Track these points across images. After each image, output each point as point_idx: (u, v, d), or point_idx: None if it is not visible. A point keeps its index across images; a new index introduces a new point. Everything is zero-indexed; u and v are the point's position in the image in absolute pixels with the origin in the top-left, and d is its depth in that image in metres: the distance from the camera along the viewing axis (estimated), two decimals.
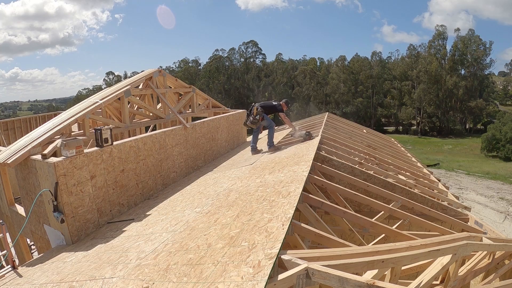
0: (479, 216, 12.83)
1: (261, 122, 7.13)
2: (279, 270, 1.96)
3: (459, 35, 58.80)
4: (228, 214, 3.25)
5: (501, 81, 79.24)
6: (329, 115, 13.05)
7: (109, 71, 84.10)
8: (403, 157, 8.98)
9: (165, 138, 6.64)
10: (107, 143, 5.02)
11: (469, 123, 60.38)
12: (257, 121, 7.12)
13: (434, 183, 6.83)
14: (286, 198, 3.11)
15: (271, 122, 7.07)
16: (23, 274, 3.77)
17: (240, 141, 10.86)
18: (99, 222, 4.86)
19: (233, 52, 70.08)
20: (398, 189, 5.07)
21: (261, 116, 7.02)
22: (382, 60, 68.35)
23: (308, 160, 4.68)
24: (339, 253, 2.18)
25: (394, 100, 62.68)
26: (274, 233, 2.35)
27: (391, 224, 4.34)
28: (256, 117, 7.07)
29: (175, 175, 6.98)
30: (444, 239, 2.74)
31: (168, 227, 3.63)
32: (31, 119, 13.23)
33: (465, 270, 3.01)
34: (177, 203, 4.84)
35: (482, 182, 24.80)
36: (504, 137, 40.12)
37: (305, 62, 74.40)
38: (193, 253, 2.58)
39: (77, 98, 67.47)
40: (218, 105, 11.58)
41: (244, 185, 4.39)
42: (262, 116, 7.03)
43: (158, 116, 8.61)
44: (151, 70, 8.71)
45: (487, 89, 61.89)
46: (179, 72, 67.74)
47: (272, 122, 7.09)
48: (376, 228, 3.48)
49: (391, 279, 2.52)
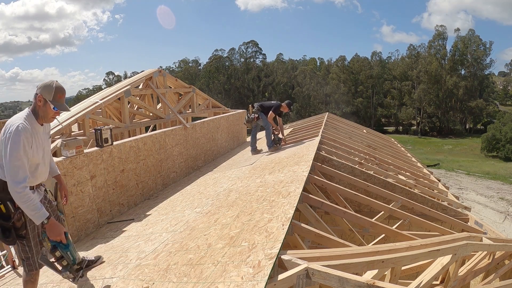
0: (479, 216, 12.83)
1: (257, 121, 7.04)
2: (279, 270, 1.96)
3: (459, 35, 58.87)
4: (228, 214, 3.25)
5: (501, 81, 79.23)
6: (329, 115, 13.05)
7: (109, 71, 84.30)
8: (403, 157, 8.98)
9: (165, 138, 6.64)
10: (107, 143, 5.02)
11: (469, 123, 60.38)
12: (252, 120, 7.04)
13: (434, 183, 6.83)
14: (286, 198, 3.11)
15: (268, 122, 6.90)
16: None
17: (240, 141, 10.86)
18: (99, 222, 4.87)
19: (233, 52, 70.15)
20: (398, 189, 5.07)
21: (256, 115, 6.93)
22: (382, 60, 68.39)
23: (308, 160, 4.68)
24: (339, 253, 2.18)
25: (394, 100, 62.67)
26: (274, 233, 2.35)
27: (391, 224, 4.34)
28: (251, 116, 7.00)
29: (175, 175, 6.98)
30: (444, 239, 2.74)
31: (168, 227, 3.63)
32: None
33: (465, 270, 3.02)
34: (177, 203, 4.84)
35: (482, 182, 24.79)
36: (504, 137, 40.11)
37: (305, 62, 74.52)
38: (193, 253, 2.58)
39: (77, 98, 67.46)
40: (218, 105, 11.59)
41: (244, 185, 4.40)
42: (258, 115, 6.93)
43: (158, 116, 8.61)
44: (151, 70, 8.72)
45: (487, 89, 61.89)
46: (179, 72, 67.82)
47: (269, 123, 6.89)
48: (376, 228, 3.48)
49: (391, 279, 2.52)
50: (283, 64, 72.36)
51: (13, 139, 2.10)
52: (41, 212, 2.16)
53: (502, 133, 40.61)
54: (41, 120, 2.33)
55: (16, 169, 2.08)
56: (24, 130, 2.15)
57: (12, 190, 2.09)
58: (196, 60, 74.19)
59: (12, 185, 2.08)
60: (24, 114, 2.28)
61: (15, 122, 2.16)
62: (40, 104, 2.28)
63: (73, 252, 2.38)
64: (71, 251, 2.37)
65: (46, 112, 2.30)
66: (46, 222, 2.18)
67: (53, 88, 2.28)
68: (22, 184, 2.09)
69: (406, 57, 64.90)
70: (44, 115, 2.31)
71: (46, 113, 2.31)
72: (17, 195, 2.09)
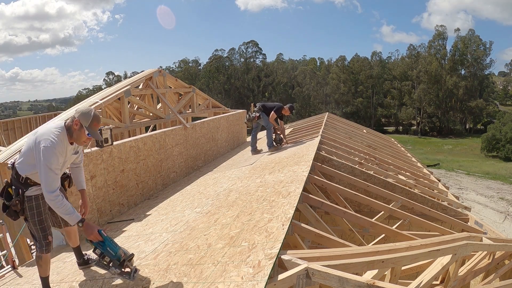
0: (479, 216, 12.83)
1: (258, 120, 7.05)
2: (279, 270, 1.96)
3: (459, 35, 58.82)
4: (228, 214, 3.26)
5: (501, 81, 79.24)
6: (329, 115, 13.05)
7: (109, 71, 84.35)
8: (403, 157, 8.98)
9: (165, 138, 6.64)
10: (107, 143, 5.02)
11: (469, 123, 60.36)
12: (252, 119, 7.05)
13: (434, 183, 6.82)
14: (286, 198, 3.11)
15: (269, 122, 6.90)
16: (23, 274, 3.77)
17: (240, 141, 10.86)
18: (99, 222, 4.87)
19: (233, 52, 70.10)
20: (398, 189, 5.07)
21: (257, 114, 6.94)
22: (382, 60, 68.36)
23: (308, 160, 4.68)
24: (339, 253, 2.18)
25: (394, 100, 62.65)
26: (274, 233, 2.35)
27: (391, 224, 4.34)
28: (252, 115, 7.02)
29: (175, 175, 6.98)
30: (444, 239, 2.74)
31: (168, 227, 3.63)
32: (31, 119, 13.21)
33: (465, 270, 3.02)
34: (177, 203, 4.84)
35: (482, 182, 24.79)
36: (504, 137, 40.09)
37: (305, 62, 74.54)
38: (193, 253, 2.58)
39: (77, 98, 67.50)
40: (218, 105, 11.59)
41: (244, 185, 4.40)
42: (259, 115, 6.94)
43: (158, 116, 8.61)
44: (151, 70, 8.71)
45: (487, 89, 61.87)
46: (179, 72, 67.78)
47: (270, 123, 6.90)
48: (376, 228, 3.48)
49: (391, 279, 2.52)
50: (283, 64, 72.36)
51: (50, 152, 2.35)
52: (74, 215, 2.40)
53: (502, 133, 40.60)
54: (72, 140, 2.56)
55: (51, 181, 2.35)
56: (59, 143, 2.42)
57: (46, 197, 2.37)
58: (196, 60, 74.21)
59: (47, 194, 2.35)
60: (58, 128, 2.48)
61: (50, 136, 2.40)
62: (76, 128, 2.50)
63: (113, 247, 2.44)
64: (111, 246, 2.43)
65: (79, 136, 2.53)
66: (81, 225, 2.41)
67: (91, 116, 2.50)
68: (55, 193, 2.35)
69: (406, 57, 64.87)
70: (77, 138, 2.55)
71: (80, 136, 2.53)
72: (51, 202, 2.36)
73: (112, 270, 2.45)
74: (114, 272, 2.45)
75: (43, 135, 2.41)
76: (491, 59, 58.30)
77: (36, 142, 2.39)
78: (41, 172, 2.35)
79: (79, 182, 2.92)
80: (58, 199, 2.36)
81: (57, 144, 2.39)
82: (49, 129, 2.47)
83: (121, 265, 2.42)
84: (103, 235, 2.45)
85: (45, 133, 2.42)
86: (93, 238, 2.42)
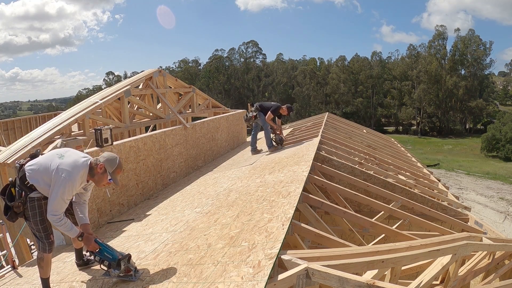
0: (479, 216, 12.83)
1: (255, 120, 7.03)
2: (279, 270, 1.96)
3: (459, 35, 58.79)
4: (228, 214, 3.26)
5: (501, 81, 79.25)
6: (329, 115, 13.05)
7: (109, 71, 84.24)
8: (403, 157, 8.98)
9: (165, 138, 6.64)
10: (107, 143, 5.02)
11: (469, 123, 60.34)
12: (249, 119, 7.03)
13: (434, 183, 6.82)
14: (286, 198, 3.11)
15: (266, 122, 6.84)
16: (23, 274, 3.77)
17: (240, 141, 10.86)
18: (99, 222, 4.86)
19: (233, 52, 70.09)
20: (398, 189, 5.07)
21: (254, 114, 6.92)
22: (382, 60, 68.34)
23: (308, 160, 4.68)
24: (339, 253, 2.18)
25: (394, 100, 62.64)
26: (274, 233, 2.35)
27: (391, 224, 4.34)
28: (249, 114, 7.00)
29: (175, 175, 6.98)
30: (444, 239, 2.74)
31: (168, 227, 3.63)
32: (31, 119, 13.21)
33: (465, 270, 3.02)
34: (177, 203, 4.84)
35: (482, 182, 24.79)
36: (504, 137, 40.08)
37: (305, 62, 74.39)
38: (193, 253, 2.58)
39: (77, 98, 67.44)
40: (218, 105, 11.59)
41: (244, 185, 4.40)
42: (255, 114, 6.91)
43: (158, 116, 8.61)
44: (151, 70, 8.71)
45: (487, 89, 61.87)
46: (179, 72, 67.72)
47: (267, 123, 6.85)
48: (376, 228, 3.48)
49: (391, 279, 2.52)
50: (283, 64, 72.28)
51: (68, 186, 2.53)
52: (72, 231, 2.61)
53: (502, 133, 40.59)
54: (92, 180, 2.71)
55: (59, 207, 2.54)
56: (78, 180, 2.60)
57: (50, 218, 2.56)
58: (196, 60, 74.10)
59: (51, 215, 2.54)
60: (83, 166, 2.63)
61: (74, 171, 2.57)
62: (99, 172, 2.65)
63: (110, 252, 2.58)
64: (108, 251, 2.58)
65: (101, 179, 2.68)
66: (81, 239, 2.62)
67: (116, 164, 2.67)
68: (59, 215, 2.55)
69: (406, 57, 64.83)
70: (98, 181, 2.70)
71: (101, 180, 2.68)
72: (53, 222, 2.58)
73: (113, 273, 2.52)
74: (114, 275, 2.52)
75: (69, 166, 2.57)
76: (491, 59, 58.39)
77: (58, 169, 2.54)
78: (53, 197, 2.52)
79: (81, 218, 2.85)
80: (60, 220, 2.55)
81: (76, 181, 2.58)
82: (76, 163, 2.61)
83: (118, 266, 2.50)
84: (99, 242, 2.61)
85: (71, 166, 2.57)
86: (92, 248, 2.59)
